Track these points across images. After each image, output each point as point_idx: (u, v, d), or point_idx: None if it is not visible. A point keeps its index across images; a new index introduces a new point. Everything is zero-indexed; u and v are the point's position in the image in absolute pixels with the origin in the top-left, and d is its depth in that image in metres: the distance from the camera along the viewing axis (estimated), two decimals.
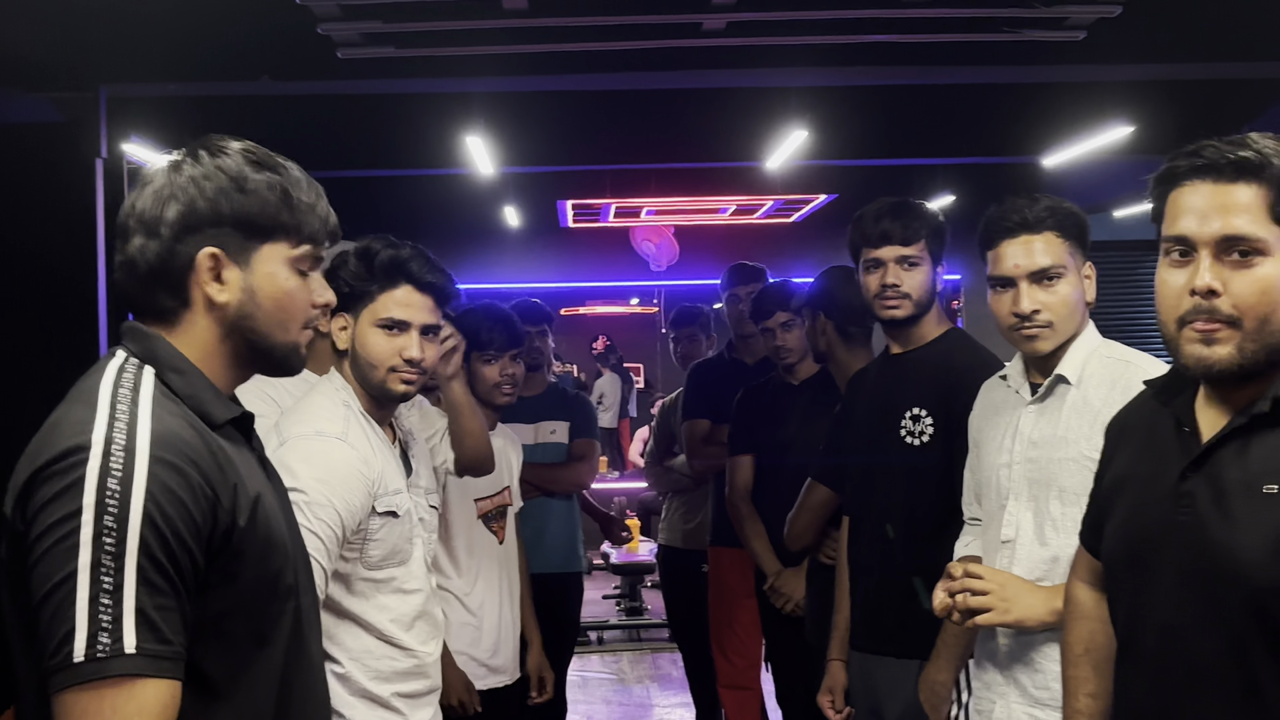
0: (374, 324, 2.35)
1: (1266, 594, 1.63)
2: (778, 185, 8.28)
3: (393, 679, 2.30)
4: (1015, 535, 2.41)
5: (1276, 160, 1.66)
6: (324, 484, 2.18)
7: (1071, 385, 2.38)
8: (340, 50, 4.61)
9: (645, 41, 4.70)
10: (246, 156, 1.59)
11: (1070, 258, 2.40)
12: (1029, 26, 4.50)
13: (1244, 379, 1.70)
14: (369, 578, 2.28)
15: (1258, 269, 1.66)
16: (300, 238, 1.61)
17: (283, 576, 1.59)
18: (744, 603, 4.62)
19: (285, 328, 1.62)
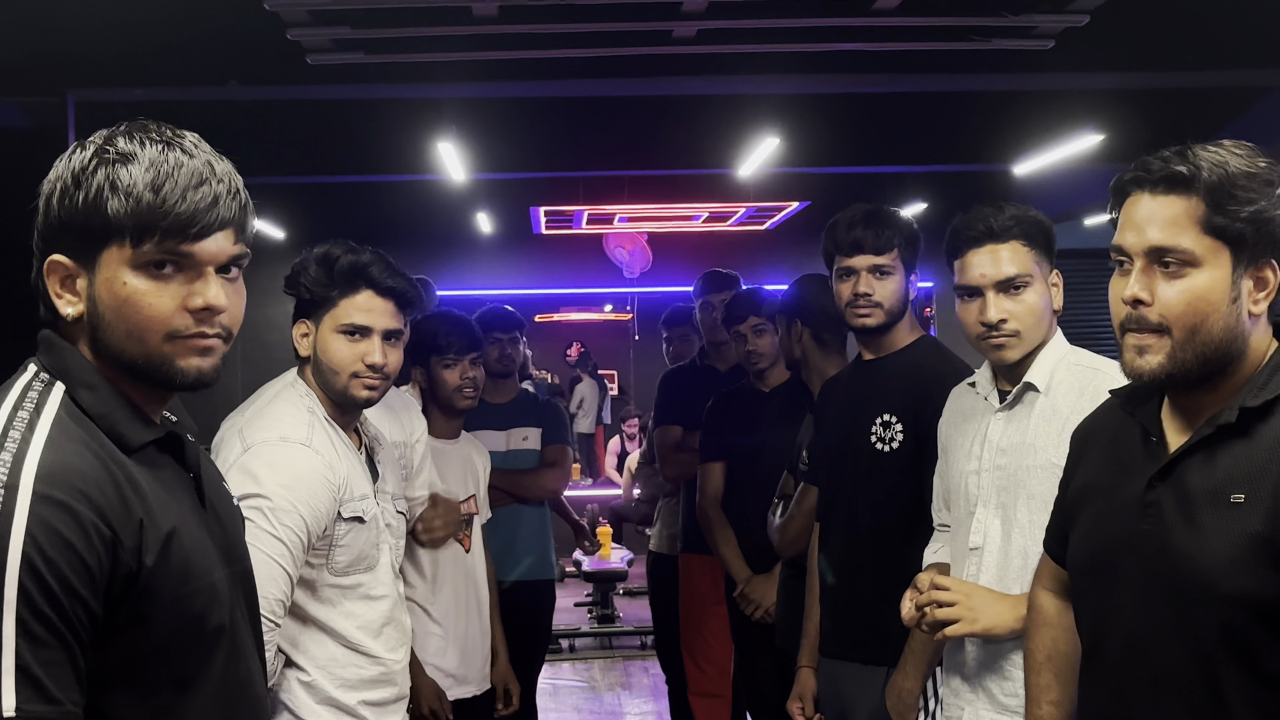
0: (335, 330, 2.34)
1: (1231, 603, 1.63)
2: (750, 192, 8.31)
3: (359, 687, 2.29)
4: (983, 542, 2.41)
5: (1209, 172, 1.68)
6: (289, 490, 2.17)
7: (1040, 393, 2.38)
8: (309, 56, 4.59)
9: (616, 49, 4.70)
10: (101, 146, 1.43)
11: (1037, 266, 2.41)
12: (998, 35, 4.53)
13: (1187, 387, 1.72)
14: (336, 584, 2.27)
15: (1185, 280, 1.68)
16: (145, 234, 1.40)
17: (208, 616, 1.45)
18: (714, 610, 4.61)
19: (137, 339, 1.42)
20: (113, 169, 1.40)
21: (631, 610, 8.74)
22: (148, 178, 1.40)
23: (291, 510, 2.16)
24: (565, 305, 13.13)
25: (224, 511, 1.59)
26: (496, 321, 4.48)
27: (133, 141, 1.43)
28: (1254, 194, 1.68)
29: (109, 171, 1.40)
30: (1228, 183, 1.68)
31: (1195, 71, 5.61)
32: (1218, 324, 1.68)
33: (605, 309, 13.08)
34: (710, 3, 4.26)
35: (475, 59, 4.84)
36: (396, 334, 2.39)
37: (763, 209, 9.45)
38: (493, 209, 9.36)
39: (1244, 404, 1.67)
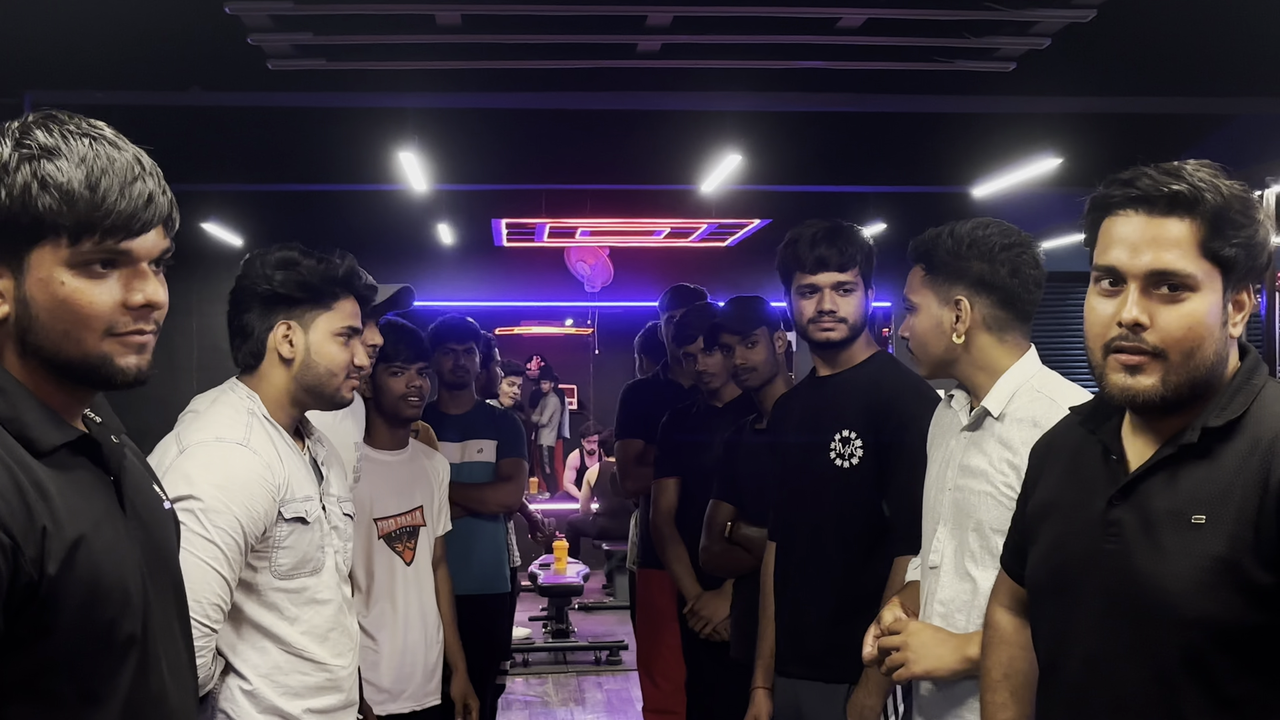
0: (333, 334, 2.34)
1: (1192, 626, 1.62)
2: (712, 209, 8.32)
3: (304, 694, 2.25)
4: (940, 562, 2.42)
5: (1210, 195, 1.66)
6: (223, 490, 2.14)
7: (995, 419, 2.37)
8: (271, 62, 4.56)
9: (580, 61, 4.70)
10: (19, 140, 1.37)
11: (930, 292, 2.43)
12: (960, 57, 4.56)
13: (1169, 410, 1.71)
14: (281, 588, 2.23)
15: (1185, 304, 1.66)
16: (80, 233, 1.36)
17: (118, 626, 1.39)
18: (670, 625, 4.60)
19: (74, 339, 1.39)
20: (39, 164, 1.35)
21: (587, 625, 8.70)
22: (80, 174, 1.36)
23: (225, 511, 2.13)
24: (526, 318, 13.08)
25: (150, 516, 1.54)
26: (451, 332, 4.45)
27: (53, 135, 1.38)
28: (1246, 219, 1.67)
29: (35, 167, 1.35)
30: (1226, 207, 1.66)
31: (1154, 97, 5.68)
32: (1210, 349, 1.67)
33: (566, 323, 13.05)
34: (675, 18, 4.26)
35: (438, 68, 4.82)
36: None
37: (724, 226, 9.46)
38: (454, 220, 9.32)
39: (1206, 424, 1.66)
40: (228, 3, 3.95)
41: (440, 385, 4.53)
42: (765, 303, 3.79)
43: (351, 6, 4.13)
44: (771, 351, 3.66)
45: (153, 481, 1.61)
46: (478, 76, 5.12)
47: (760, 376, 3.65)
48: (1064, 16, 4.23)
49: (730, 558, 3.66)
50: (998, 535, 2.28)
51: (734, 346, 3.67)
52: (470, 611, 4.02)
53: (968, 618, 2.34)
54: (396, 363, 3.46)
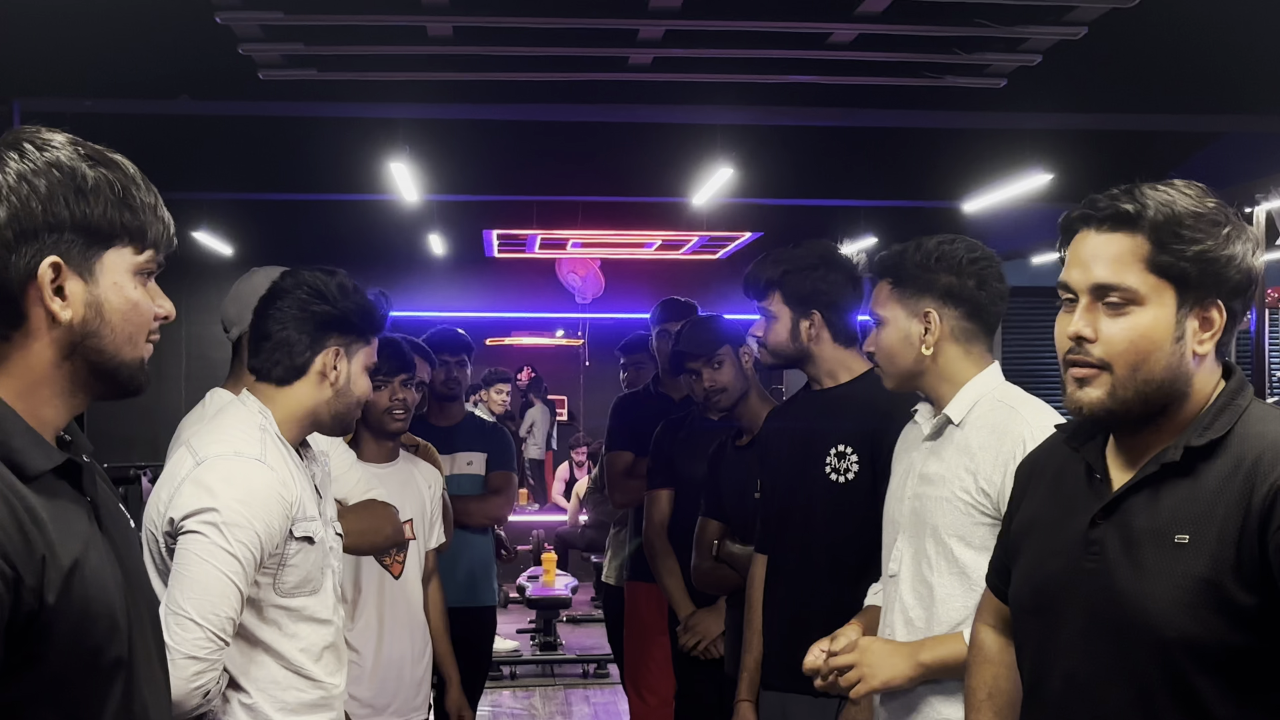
0: (366, 367, 2.38)
1: (1174, 646, 1.61)
2: (703, 222, 8.33)
3: (299, 711, 2.24)
4: (899, 570, 2.43)
5: (1154, 210, 1.68)
6: (245, 505, 2.12)
7: (956, 426, 2.40)
8: (261, 71, 4.56)
9: (572, 74, 4.70)
10: (77, 150, 1.40)
11: (898, 305, 2.46)
12: (951, 73, 4.57)
13: (1132, 425, 1.72)
14: (281, 605, 2.22)
15: (1128, 318, 1.69)
16: (144, 243, 1.44)
17: (105, 651, 1.38)
18: (658, 639, 4.57)
19: (134, 343, 1.45)
20: (103, 172, 1.41)
21: (575, 638, 8.68)
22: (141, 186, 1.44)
23: (247, 526, 2.12)
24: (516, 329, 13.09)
25: (122, 538, 1.52)
26: (444, 344, 4.43)
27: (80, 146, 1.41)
28: (1200, 233, 1.68)
29: (104, 174, 1.40)
30: (1173, 221, 1.68)
31: (1144, 115, 5.70)
32: (1160, 362, 1.68)
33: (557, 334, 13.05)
34: (667, 31, 4.27)
35: (429, 79, 4.82)
36: None
37: (716, 238, 9.48)
38: (445, 231, 9.32)
39: (1189, 443, 1.66)
40: (219, 12, 3.94)
41: (430, 397, 4.51)
42: (722, 320, 3.77)
43: (343, 18, 4.13)
44: (738, 368, 3.63)
45: (118, 501, 1.60)
46: (469, 88, 5.12)
47: (731, 396, 3.62)
48: (1055, 33, 4.25)
49: (719, 575, 3.64)
50: (955, 541, 2.31)
51: (700, 370, 3.64)
52: (456, 623, 4.00)
53: (927, 625, 2.35)
54: (379, 375, 3.43)
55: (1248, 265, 1.70)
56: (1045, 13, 4.18)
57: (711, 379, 3.61)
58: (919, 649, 2.32)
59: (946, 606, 2.34)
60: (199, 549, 2.08)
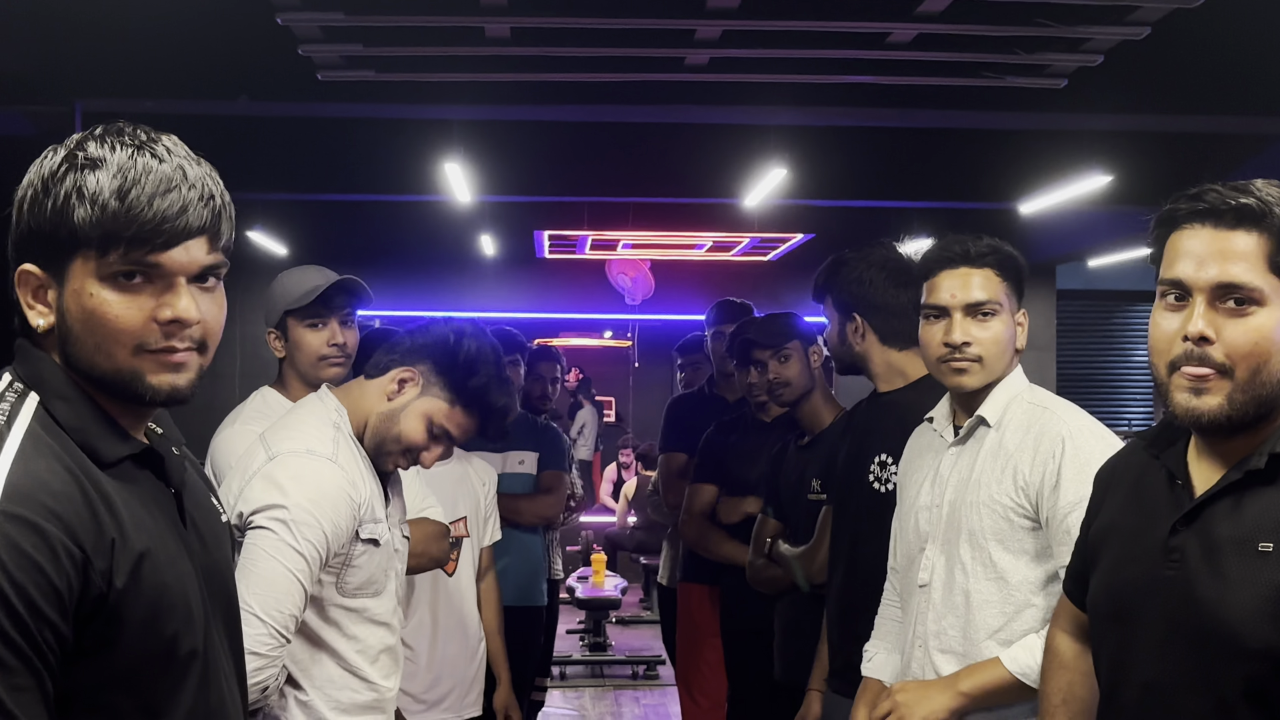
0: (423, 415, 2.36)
1: (1256, 656, 1.58)
2: (755, 223, 8.30)
3: (352, 711, 2.25)
4: (930, 579, 2.39)
5: (1278, 209, 1.63)
6: (314, 504, 2.14)
7: (990, 428, 2.36)
8: (320, 72, 4.59)
9: (627, 74, 4.69)
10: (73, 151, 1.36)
11: (1006, 298, 2.39)
12: (1011, 73, 4.53)
13: (1235, 431, 1.67)
14: (343, 605, 2.23)
15: (1253, 318, 1.63)
16: (110, 244, 1.33)
17: (181, 640, 1.38)
18: (710, 641, 4.56)
19: (105, 353, 1.36)
20: (80, 175, 1.34)
21: (624, 639, 8.68)
22: (114, 184, 1.33)
23: (315, 525, 2.13)
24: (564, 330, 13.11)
25: (207, 530, 1.52)
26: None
27: (103, 146, 1.36)
28: None
29: (77, 178, 1.33)
30: None
31: (1206, 116, 5.62)
32: (1278, 364, 1.63)
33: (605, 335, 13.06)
34: (724, 31, 4.26)
35: (485, 80, 4.84)
36: None
37: (767, 240, 9.45)
38: (497, 231, 9.35)
39: (1274, 449, 1.63)
40: (279, 14, 3.97)
41: None
42: (798, 317, 3.75)
43: (402, 18, 4.15)
44: (806, 366, 3.60)
45: (211, 495, 1.60)
46: (524, 89, 5.13)
47: (794, 391, 3.60)
48: (1117, 34, 4.20)
49: (771, 574, 3.63)
50: (993, 545, 2.27)
51: (766, 362, 3.63)
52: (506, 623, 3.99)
53: (963, 634, 2.32)
54: None
55: None
56: (1108, 13, 4.13)
57: (777, 372, 3.58)
58: (956, 680, 2.28)
59: (984, 613, 2.30)
60: (267, 545, 2.09)
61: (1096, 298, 11.10)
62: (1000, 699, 2.25)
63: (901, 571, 2.54)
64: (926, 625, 2.39)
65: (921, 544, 2.43)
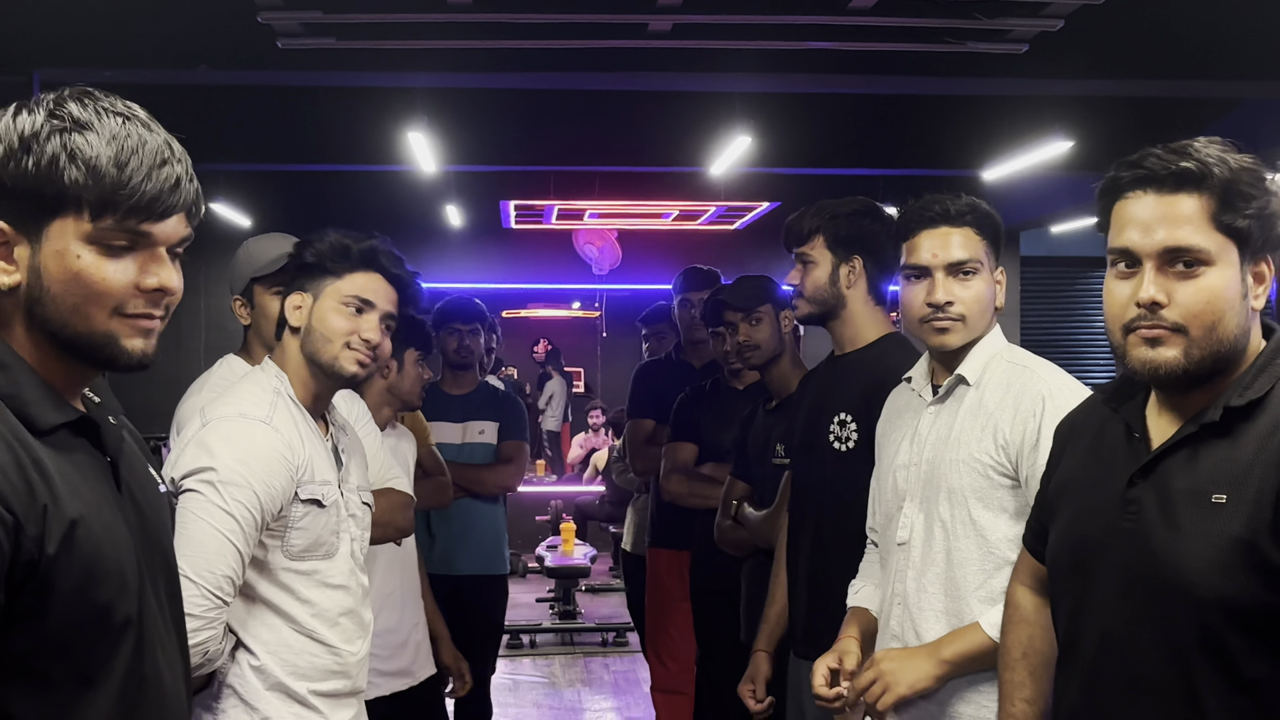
0: (339, 301, 2.33)
1: (1209, 606, 1.61)
2: (721, 192, 8.31)
3: (312, 676, 2.24)
4: (909, 538, 2.41)
5: (1218, 169, 1.66)
6: (243, 465, 2.14)
7: (970, 386, 2.38)
8: (280, 40, 4.54)
9: (590, 41, 4.68)
10: (52, 110, 1.36)
11: (986, 256, 2.41)
12: (972, 38, 4.53)
13: (1192, 385, 1.70)
14: (291, 568, 2.24)
15: (1202, 279, 1.66)
16: (102, 209, 1.36)
17: (115, 608, 1.38)
18: (679, 605, 4.59)
19: (83, 314, 1.38)
20: (69, 137, 1.35)
21: (594, 607, 8.72)
22: (110, 151, 1.35)
23: (244, 485, 2.13)
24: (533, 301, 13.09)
25: (145, 499, 1.53)
26: (457, 312, 4.44)
27: (87, 109, 1.37)
28: (1255, 189, 1.67)
29: (66, 139, 1.35)
30: (1236, 179, 1.66)
31: (1167, 80, 5.64)
32: (1232, 322, 1.67)
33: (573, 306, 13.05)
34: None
35: (448, 48, 4.81)
36: (393, 321, 2.40)
37: (733, 209, 9.45)
38: (463, 202, 9.31)
39: (1229, 403, 1.66)
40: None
41: (444, 365, 4.53)
42: (772, 281, 3.76)
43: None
44: (777, 330, 3.61)
45: (148, 464, 1.61)
46: (487, 56, 5.10)
47: (763, 355, 3.61)
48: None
49: (738, 536, 3.66)
50: (973, 502, 2.29)
51: (737, 324, 3.64)
52: (469, 591, 4.01)
53: (942, 591, 2.34)
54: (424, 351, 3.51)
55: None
56: None
57: (747, 334, 3.59)
58: (939, 647, 2.30)
59: (963, 570, 2.33)
60: (195, 507, 2.10)
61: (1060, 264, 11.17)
62: (982, 664, 2.27)
63: (880, 530, 2.56)
64: (906, 583, 2.41)
65: (900, 502, 2.45)
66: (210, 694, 2.18)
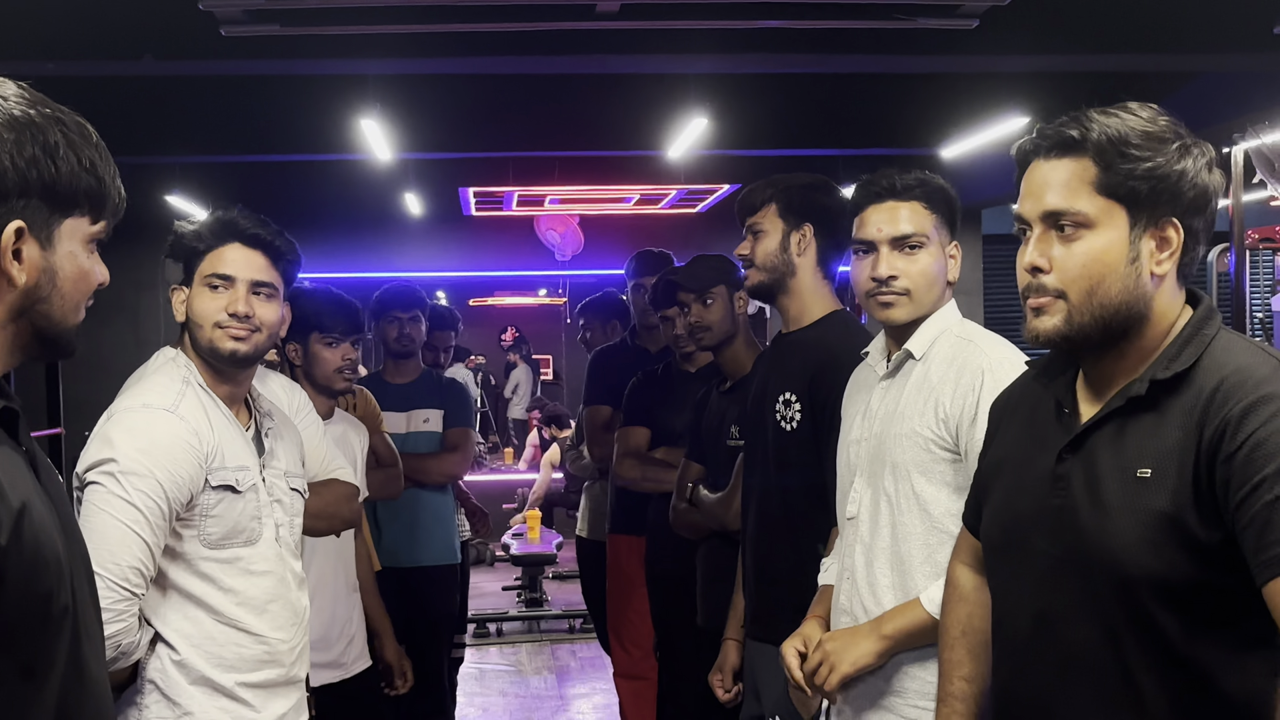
0: (201, 283, 2.30)
1: (1137, 582, 1.60)
2: (681, 175, 8.27)
3: (239, 666, 2.21)
4: (858, 512, 2.41)
5: (1098, 131, 1.67)
6: (145, 454, 2.11)
7: (917, 361, 2.38)
8: (224, 28, 4.47)
9: (537, 24, 4.63)
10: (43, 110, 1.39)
11: (935, 230, 2.39)
12: (922, 14, 4.51)
13: (1097, 351, 1.70)
14: (211, 557, 2.20)
15: (1080, 242, 1.67)
16: (102, 212, 1.45)
17: (55, 598, 1.38)
18: (640, 591, 4.57)
19: (78, 310, 1.47)
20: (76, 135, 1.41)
21: (560, 594, 8.69)
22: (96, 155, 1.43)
23: (147, 475, 2.10)
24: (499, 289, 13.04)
25: (55, 490, 1.52)
26: (396, 300, 4.40)
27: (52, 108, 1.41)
28: (1148, 151, 1.66)
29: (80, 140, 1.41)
30: (1119, 141, 1.66)
31: (1121, 54, 5.63)
32: (1115, 285, 1.66)
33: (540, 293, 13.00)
34: None
35: (395, 33, 4.75)
36: (267, 286, 2.33)
37: (694, 192, 9.42)
38: (421, 190, 9.24)
39: (1154, 376, 1.64)
40: None
41: (385, 354, 4.49)
42: (728, 261, 3.73)
43: None
44: (730, 311, 3.58)
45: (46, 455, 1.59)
46: (435, 41, 5.04)
47: (715, 336, 3.58)
48: None
49: (693, 519, 3.63)
50: (916, 475, 2.29)
51: (689, 304, 3.61)
52: (418, 583, 3.97)
53: (889, 564, 2.34)
54: (333, 334, 3.42)
55: (1203, 181, 1.67)
56: None
57: (699, 315, 3.56)
58: (879, 624, 2.31)
59: (908, 545, 2.32)
60: (97, 499, 2.08)
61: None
62: (923, 639, 2.27)
63: (839, 504, 2.55)
64: (855, 558, 2.41)
65: (851, 477, 2.44)
66: (133, 689, 2.15)
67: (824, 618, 2.51)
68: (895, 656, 2.32)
